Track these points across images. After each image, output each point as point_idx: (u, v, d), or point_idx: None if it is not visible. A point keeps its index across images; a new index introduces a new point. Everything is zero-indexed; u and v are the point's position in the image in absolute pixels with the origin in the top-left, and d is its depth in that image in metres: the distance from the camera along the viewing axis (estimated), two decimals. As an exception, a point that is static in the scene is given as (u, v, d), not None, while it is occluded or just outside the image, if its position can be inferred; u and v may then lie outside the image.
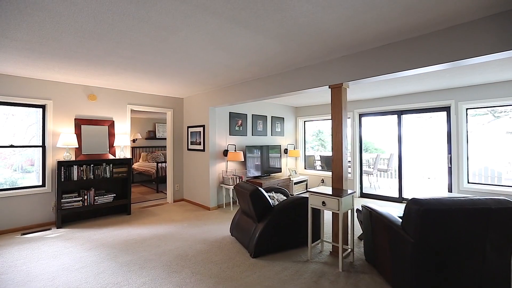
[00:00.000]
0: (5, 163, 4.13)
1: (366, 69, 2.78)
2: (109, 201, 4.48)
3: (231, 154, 5.07)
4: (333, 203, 2.63)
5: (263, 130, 6.22)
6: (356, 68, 2.86)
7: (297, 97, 5.75)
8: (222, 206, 5.22)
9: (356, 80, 2.87)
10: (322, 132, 8.89)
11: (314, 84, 3.25)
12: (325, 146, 8.81)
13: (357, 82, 2.93)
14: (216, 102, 4.84)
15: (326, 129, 8.50)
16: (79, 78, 4.03)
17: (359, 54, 2.84)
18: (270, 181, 5.46)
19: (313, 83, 3.27)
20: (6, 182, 4.04)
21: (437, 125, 6.52)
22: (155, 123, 9.15)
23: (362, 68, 2.80)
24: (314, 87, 3.25)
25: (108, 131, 4.69)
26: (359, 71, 2.83)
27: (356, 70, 2.85)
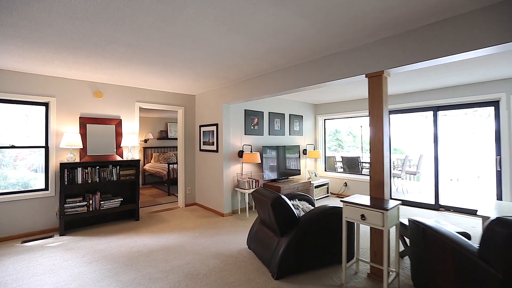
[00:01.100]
0: (25, 163, 3.89)
1: (414, 53, 2.25)
2: (115, 206, 4.14)
3: (246, 155, 4.63)
4: (376, 217, 2.13)
5: (280, 129, 5.75)
6: (401, 52, 2.34)
7: (318, 93, 5.24)
8: (237, 212, 4.79)
9: (401, 67, 2.35)
10: (339, 131, 8.33)
11: (346, 74, 2.75)
12: (343, 147, 8.24)
13: (401, 69, 2.41)
14: (230, 98, 4.42)
15: (343, 128, 7.93)
16: (82, 73, 3.71)
17: (406, 34, 2.32)
18: (288, 185, 4.99)
19: (345, 72, 2.77)
20: (18, 183, 3.82)
21: (481, 122, 5.81)
22: (167, 122, 8.86)
23: (410, 51, 2.28)
24: (346, 77, 2.75)
25: (115, 131, 4.36)
26: (406, 56, 2.31)
27: (401, 55, 2.33)
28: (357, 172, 6.36)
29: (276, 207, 2.56)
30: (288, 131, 5.96)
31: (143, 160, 8.27)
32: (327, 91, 5.05)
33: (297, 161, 5.84)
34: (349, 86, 4.55)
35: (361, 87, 4.70)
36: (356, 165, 6.45)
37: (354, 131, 9.91)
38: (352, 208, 2.30)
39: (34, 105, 3.82)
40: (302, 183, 5.28)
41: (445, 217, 4.44)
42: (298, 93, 5.34)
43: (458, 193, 6.53)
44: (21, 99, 3.67)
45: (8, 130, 3.74)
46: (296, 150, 5.85)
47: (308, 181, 5.48)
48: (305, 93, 5.35)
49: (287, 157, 5.62)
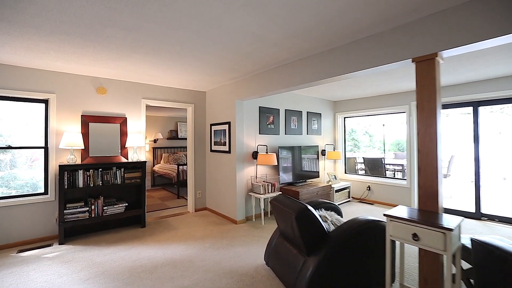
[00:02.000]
0: (39, 164, 3.63)
1: (484, 27, 1.77)
2: (120, 212, 3.81)
3: (262, 156, 4.21)
4: (435, 238, 1.65)
5: (297, 128, 5.29)
6: (460, 28, 1.85)
7: (338, 88, 4.75)
8: (251, 219, 4.37)
9: (461, 47, 1.87)
10: (355, 131, 7.78)
11: (386, 59, 2.28)
12: (359, 147, 7.67)
13: (460, 50, 1.93)
14: (244, 94, 4.00)
15: (359, 127, 7.37)
16: (83, 67, 3.38)
17: (465, 7, 1.83)
18: (307, 189, 4.53)
19: (385, 57, 2.29)
20: (27, 184, 3.59)
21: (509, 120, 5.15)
22: (177, 122, 8.55)
23: (476, 25, 1.80)
24: (386, 64, 2.28)
25: (120, 130, 4.03)
26: (467, 33, 1.82)
27: (461, 31, 1.85)
28: (381, 174, 5.82)
29: (302, 221, 2.12)
30: (306, 130, 5.49)
31: (153, 160, 7.99)
32: (350, 85, 4.56)
33: (315, 163, 5.37)
34: (379, 77, 4.05)
35: (390, 79, 4.19)
36: (379, 167, 5.91)
37: (371, 130, 9.31)
38: (401, 224, 1.83)
39: (32, 102, 3.53)
40: (321, 187, 4.81)
41: (490, 228, 3.86)
42: (316, 89, 4.87)
43: (502, 199, 5.86)
44: (18, 96, 3.38)
45: (5, 129, 3.46)
46: (314, 151, 5.38)
47: (328, 185, 5.00)
48: (324, 89, 4.87)
49: (305, 158, 5.16)
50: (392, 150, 8.79)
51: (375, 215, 4.52)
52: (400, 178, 5.90)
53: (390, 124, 7.51)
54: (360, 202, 5.52)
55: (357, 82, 4.35)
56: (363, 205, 5.27)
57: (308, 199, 4.52)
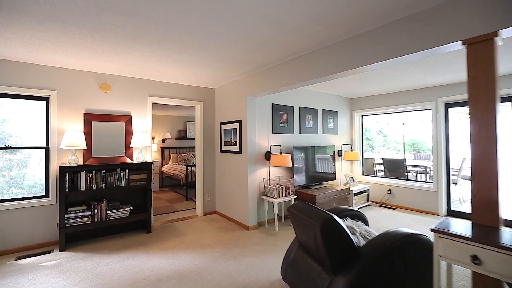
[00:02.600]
0: None
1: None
2: (124, 216, 3.57)
3: (275, 157, 3.89)
4: (505, 263, 1.31)
5: (313, 126, 4.95)
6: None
7: (357, 83, 4.38)
8: (264, 225, 4.06)
9: (529, 23, 1.51)
10: (368, 130, 7.35)
11: (428, 44, 1.93)
12: (373, 147, 7.25)
13: (527, 28, 1.56)
14: (256, 90, 3.70)
15: (373, 126, 6.95)
16: (84, 61, 3.16)
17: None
18: (324, 192, 4.19)
19: (428, 41, 1.94)
20: (35, 184, 3.42)
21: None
22: (186, 121, 8.34)
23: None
24: (428, 48, 1.93)
25: (125, 129, 3.80)
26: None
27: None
28: (402, 176, 5.41)
29: (329, 235, 1.80)
30: (321, 129, 5.14)
31: (161, 161, 7.80)
32: (370, 80, 4.19)
33: (331, 164, 5.02)
34: (403, 70, 3.67)
35: (416, 73, 3.80)
36: (400, 168, 5.50)
37: (385, 130, 8.84)
38: (454, 242, 1.49)
39: (32, 99, 3.33)
40: (339, 190, 4.46)
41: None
42: (332, 85, 4.52)
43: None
44: (17, 93, 3.18)
45: (5, 129, 3.27)
46: (330, 151, 5.03)
47: (346, 188, 4.64)
48: (341, 85, 4.52)
49: (320, 159, 4.81)
50: (408, 151, 8.32)
51: (401, 222, 4.14)
52: (422, 180, 5.48)
53: (408, 123, 7.06)
54: (381, 207, 5.12)
55: (378, 77, 3.97)
56: (384, 210, 4.87)
57: (325, 204, 4.19)
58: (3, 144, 3.23)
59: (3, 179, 3.29)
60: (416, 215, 4.55)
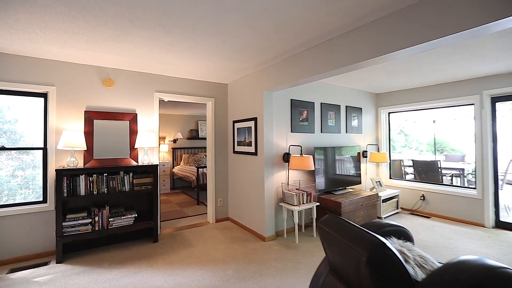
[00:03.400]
0: None
1: None
2: (128, 224, 3.24)
3: (295, 159, 3.45)
4: None
5: (335, 125, 4.46)
6: None
7: (386, 76, 3.86)
8: (282, 235, 3.62)
9: None
10: (403, 131, 6.73)
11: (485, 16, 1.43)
12: (395, 147, 6.58)
13: None
14: (274, 82, 3.27)
15: (393, 125, 6.32)
16: (83, 52, 2.83)
17: None
18: (350, 199, 3.70)
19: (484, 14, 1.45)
20: (34, 188, 3.13)
21: None
22: (198, 120, 8.02)
23: None
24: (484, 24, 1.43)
25: (130, 128, 3.47)
26: None
27: None
28: (436, 181, 4.82)
29: (378, 267, 1.34)
30: (345, 127, 4.64)
31: (172, 162, 7.51)
32: (404, 70, 3.67)
33: (356, 167, 4.51)
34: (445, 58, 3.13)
35: (459, 60, 3.25)
36: (433, 171, 4.91)
37: (406, 129, 8.14)
38: None
39: (29, 96, 3.05)
40: (366, 197, 3.95)
41: None
42: (357, 78, 4.03)
43: None
44: (12, 89, 2.90)
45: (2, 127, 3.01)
46: (355, 152, 4.52)
47: (374, 194, 4.12)
48: (367, 77, 4.01)
49: (344, 161, 4.32)
50: (431, 151, 7.62)
51: (441, 234, 3.59)
52: (459, 185, 4.87)
53: (439, 121, 6.40)
54: (412, 215, 4.56)
55: (414, 66, 3.44)
56: (417, 219, 4.32)
57: (351, 212, 3.70)
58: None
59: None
60: (456, 225, 3.97)
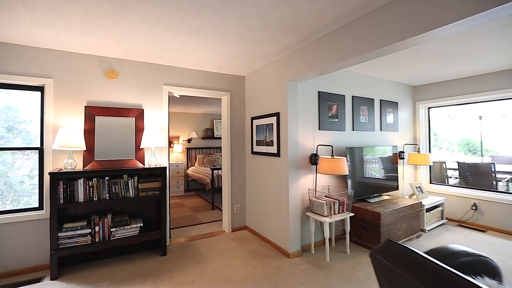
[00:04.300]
0: None
1: None
2: (133, 235, 2.84)
3: (325, 162, 2.91)
4: None
5: (368, 121, 3.87)
6: None
7: (430, 63, 3.23)
8: (309, 250, 3.10)
9: None
10: (436, 134, 5.99)
11: None
12: (437, 147, 5.83)
13: None
14: (300, 71, 2.75)
15: (437, 121, 5.56)
16: (79, 37, 2.45)
17: None
18: (390, 209, 3.11)
19: None
20: (30, 193, 2.80)
21: None
22: (213, 119, 7.62)
23: None
24: None
25: (135, 126, 3.07)
26: None
27: None
28: (489, 186, 4.10)
29: None
30: (379, 124, 4.04)
31: (186, 163, 7.15)
32: (455, 56, 3.03)
33: (392, 170, 3.89)
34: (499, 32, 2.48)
35: None
36: (486, 176, 4.19)
37: (435, 128, 7.34)
38: None
39: (23, 90, 2.71)
40: (409, 206, 3.34)
41: None
42: (394, 67, 3.42)
43: None
44: (4, 81, 2.58)
45: None
46: (391, 153, 3.91)
47: (418, 202, 3.49)
48: (404, 65, 3.39)
49: (379, 164, 3.72)
50: (462, 152, 6.77)
51: (509, 255, 2.91)
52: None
53: (493, 115, 5.60)
54: (461, 227, 3.88)
55: (469, 47, 2.80)
56: (469, 233, 3.64)
57: (392, 225, 3.11)
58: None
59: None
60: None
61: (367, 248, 3.12)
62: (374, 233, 3.06)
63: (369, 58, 2.18)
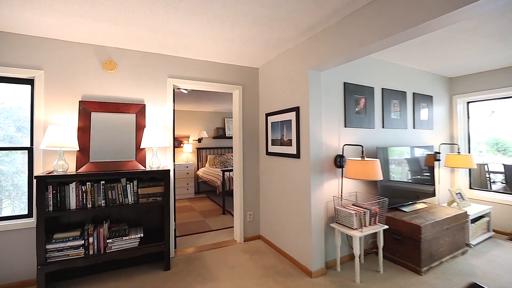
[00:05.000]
0: None
1: None
2: (132, 247, 2.49)
3: (354, 164, 2.46)
4: None
5: (400, 118, 3.37)
6: None
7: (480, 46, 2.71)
8: (335, 267, 2.65)
9: None
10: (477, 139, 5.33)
11: None
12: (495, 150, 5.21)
13: None
14: (324, 57, 2.31)
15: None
16: (70, 21, 2.12)
17: None
18: (430, 220, 2.63)
19: None
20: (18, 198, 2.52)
21: None
22: (224, 118, 7.27)
23: None
24: None
25: (136, 123, 2.73)
26: None
27: None
28: (544, 193, 3.49)
29: None
30: (412, 121, 3.53)
31: (197, 163, 6.83)
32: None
33: (428, 173, 3.38)
34: None
35: None
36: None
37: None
38: None
39: (12, 83, 2.43)
40: (453, 216, 2.83)
41: None
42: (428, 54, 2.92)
43: None
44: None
45: (-20, 123, 2.43)
46: (425, 155, 3.39)
47: (462, 212, 2.97)
48: (442, 52, 2.88)
49: (413, 166, 3.22)
50: (491, 152, 6.05)
51: None
52: None
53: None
54: (510, 240, 3.31)
55: None
56: None
57: (433, 240, 2.61)
58: (-26, 144, 2.37)
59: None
60: None
61: (404, 266, 2.64)
62: (412, 249, 2.58)
63: (404, 39, 1.74)
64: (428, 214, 2.85)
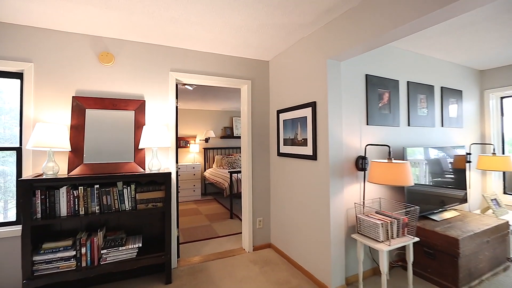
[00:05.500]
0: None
1: None
2: (129, 258, 2.24)
3: (379, 167, 2.13)
4: None
5: (428, 115, 3.02)
6: None
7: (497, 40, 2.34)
8: (356, 283, 2.33)
9: None
10: None
11: None
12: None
13: None
14: (345, 44, 2.00)
15: None
16: (59, 5, 1.89)
17: None
18: (469, 232, 2.28)
19: None
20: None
21: None
22: (232, 117, 7.01)
23: None
24: None
25: (135, 121, 2.48)
26: None
27: None
28: None
29: None
30: (440, 119, 3.17)
31: (204, 164, 6.59)
32: None
33: (459, 177, 3.01)
34: None
35: None
36: None
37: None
38: None
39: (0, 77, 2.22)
40: (494, 227, 2.46)
41: None
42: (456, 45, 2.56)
43: None
44: (-27, 65, 2.09)
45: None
46: (456, 156, 3.03)
47: (504, 222, 2.60)
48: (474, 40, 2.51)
49: (442, 168, 2.87)
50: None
51: None
52: None
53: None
54: (558, 253, 2.91)
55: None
56: None
57: (472, 255, 2.26)
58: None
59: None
60: None
61: (436, 284, 2.30)
62: (448, 265, 2.23)
63: (437, 20, 1.42)
64: (462, 224, 2.50)
